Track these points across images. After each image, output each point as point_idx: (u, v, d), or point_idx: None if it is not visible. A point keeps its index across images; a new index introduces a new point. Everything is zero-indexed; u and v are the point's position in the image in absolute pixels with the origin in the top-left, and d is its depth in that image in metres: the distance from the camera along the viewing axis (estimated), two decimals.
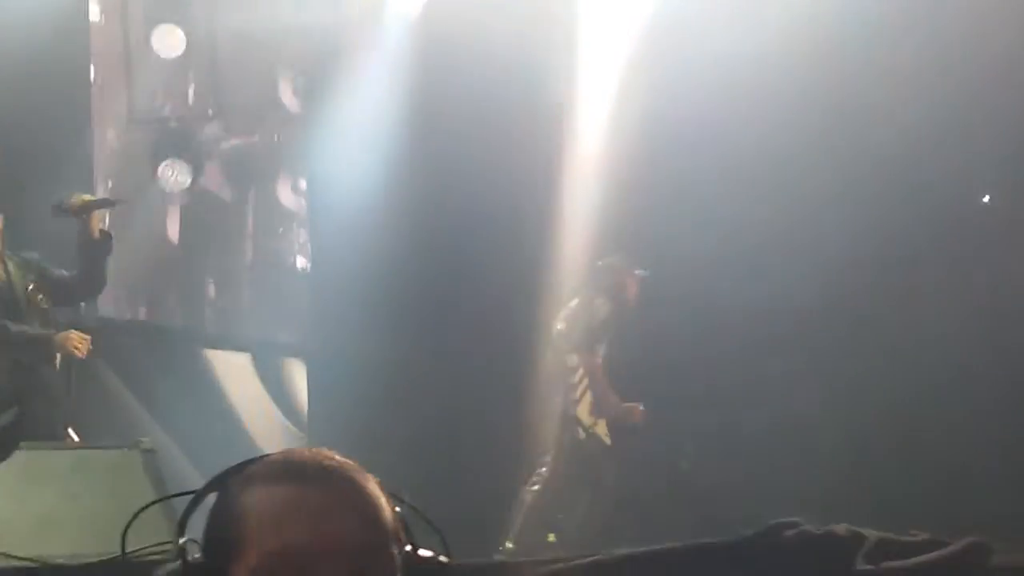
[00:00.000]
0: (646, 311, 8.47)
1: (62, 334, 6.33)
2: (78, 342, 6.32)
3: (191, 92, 8.88)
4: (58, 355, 6.32)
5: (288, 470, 1.57)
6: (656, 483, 8.61)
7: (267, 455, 1.62)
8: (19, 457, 5.30)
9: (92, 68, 8.43)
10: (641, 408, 8.34)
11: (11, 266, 6.40)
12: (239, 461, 1.64)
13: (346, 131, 8.96)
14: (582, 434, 8.29)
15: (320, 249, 9.05)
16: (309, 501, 1.54)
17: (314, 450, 1.62)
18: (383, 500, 1.60)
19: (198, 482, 1.68)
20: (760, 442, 8.58)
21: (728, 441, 8.66)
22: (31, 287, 6.40)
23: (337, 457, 1.61)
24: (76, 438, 6.29)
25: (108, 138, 8.54)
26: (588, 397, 8.36)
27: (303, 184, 9.61)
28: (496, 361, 9.06)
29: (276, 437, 9.15)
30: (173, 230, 8.91)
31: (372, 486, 1.60)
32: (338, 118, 8.94)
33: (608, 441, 8.35)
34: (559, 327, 8.59)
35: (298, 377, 9.33)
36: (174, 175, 8.48)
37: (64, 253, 6.58)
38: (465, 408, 8.96)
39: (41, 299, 6.41)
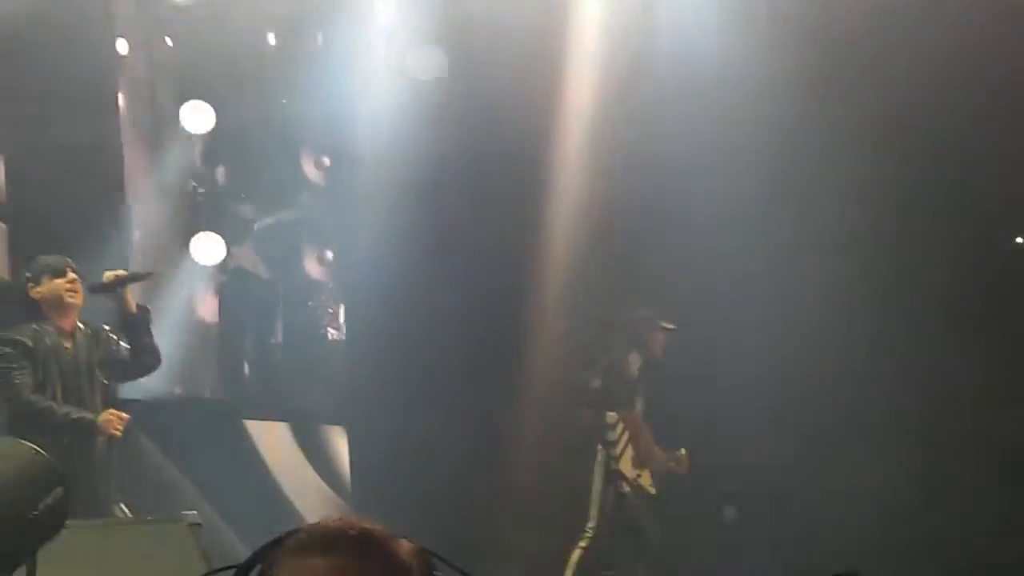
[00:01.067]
0: (677, 362, 8.56)
1: (102, 416, 6.35)
2: (117, 424, 6.33)
3: (221, 168, 9.01)
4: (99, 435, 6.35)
5: (318, 541, 1.61)
6: (702, 533, 8.61)
7: (301, 527, 1.66)
8: (66, 535, 5.33)
9: (123, 143, 8.58)
10: (684, 452, 8.44)
11: (81, 337, 6.45)
12: (281, 531, 1.67)
13: (371, 202, 9.09)
14: (626, 488, 8.36)
15: (354, 318, 9.13)
16: (337, 571, 1.58)
17: (344, 519, 1.65)
18: (414, 565, 1.62)
19: (243, 553, 1.71)
20: (806, 491, 8.57)
21: (774, 490, 8.65)
22: (95, 363, 6.44)
23: (367, 525, 1.64)
24: (126, 513, 6.32)
25: (141, 214, 8.66)
26: (629, 450, 8.42)
27: (329, 255, 9.76)
28: (529, 421, 9.14)
29: (319, 504, 9.17)
30: (208, 304, 8.99)
31: (403, 552, 1.62)
32: (362, 191, 9.08)
33: (652, 491, 8.44)
34: (594, 385, 8.66)
35: (338, 444, 9.37)
36: (207, 249, 8.57)
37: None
38: (503, 470, 9.03)
39: (103, 375, 6.45)
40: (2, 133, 8.17)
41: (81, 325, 6.50)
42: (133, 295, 6.57)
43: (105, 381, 6.50)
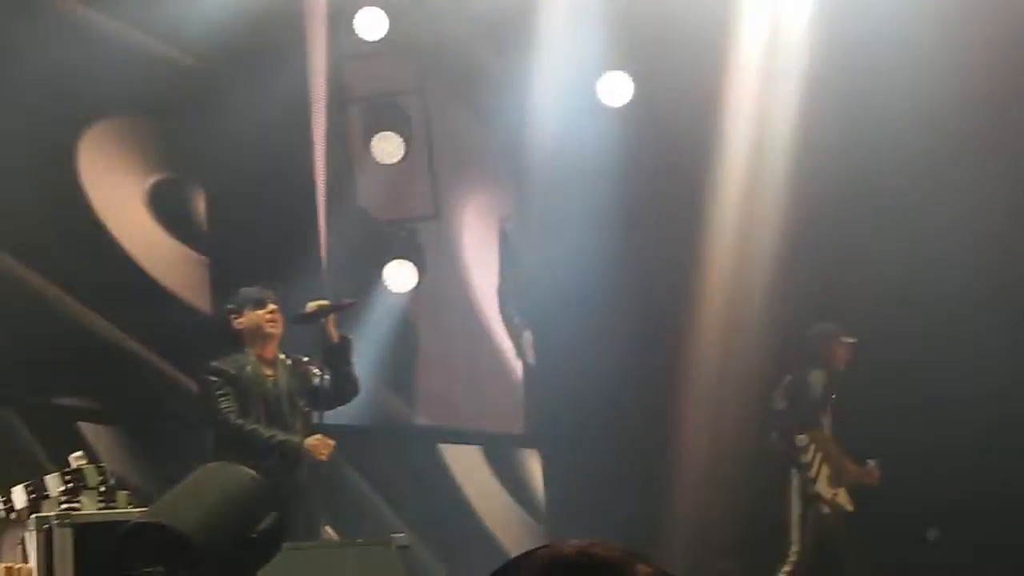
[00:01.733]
0: (861, 376, 8.47)
1: (309, 440, 6.49)
2: (323, 448, 6.47)
3: (411, 194, 9.17)
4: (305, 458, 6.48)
5: (552, 564, 1.59)
6: (904, 555, 8.47)
7: (538, 548, 1.64)
8: (282, 556, 5.47)
9: (316, 174, 8.80)
10: (873, 463, 8.34)
11: (281, 367, 6.63)
12: (476, 552, 1.66)
13: (558, 226, 9.17)
14: (825, 508, 8.28)
15: (544, 342, 9.21)
16: None
17: (582, 541, 1.62)
18: None
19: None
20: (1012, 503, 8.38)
21: (978, 504, 8.47)
22: (296, 392, 6.60)
23: (605, 545, 1.61)
24: (332, 535, 6.46)
25: (334, 243, 8.86)
26: (824, 470, 8.33)
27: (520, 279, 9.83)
28: (721, 444, 9.12)
29: (513, 527, 9.26)
30: (402, 331, 9.13)
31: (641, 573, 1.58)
32: (550, 216, 9.17)
33: (850, 508, 8.35)
34: (780, 406, 8.59)
35: (532, 467, 9.45)
36: (400, 277, 8.71)
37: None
38: (696, 493, 9.02)
39: (303, 404, 6.61)
40: (203, 169, 8.45)
41: (281, 355, 6.67)
42: (335, 324, 6.71)
43: (305, 409, 6.66)
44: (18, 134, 7.61)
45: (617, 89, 9.11)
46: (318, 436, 6.50)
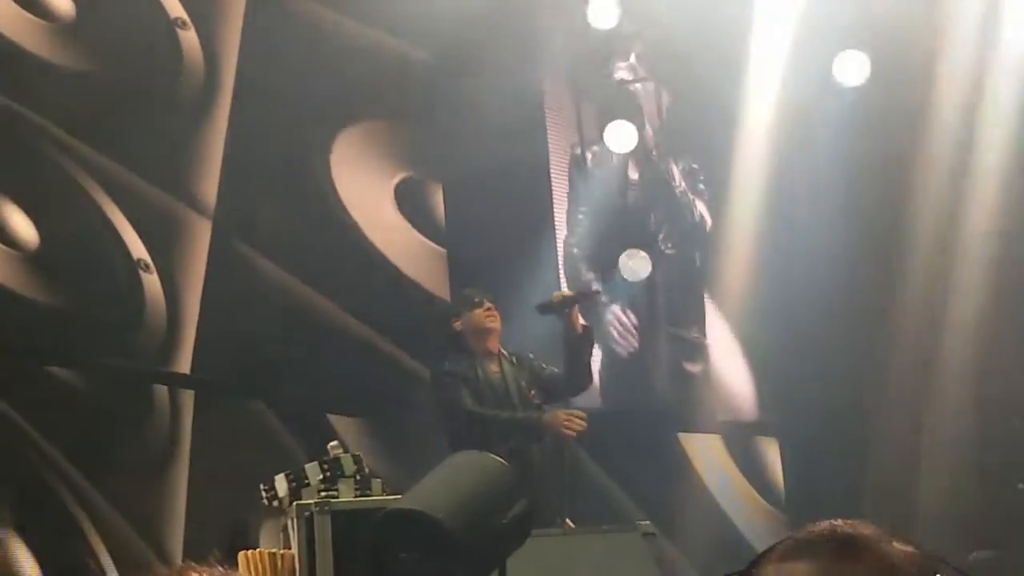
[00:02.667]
0: None
1: (549, 413, 6.55)
2: (565, 418, 6.50)
3: (645, 183, 9.20)
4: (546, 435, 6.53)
5: (804, 546, 1.57)
6: None
7: (802, 530, 1.63)
8: (530, 543, 5.54)
9: (550, 166, 8.92)
10: None
11: (506, 365, 6.75)
12: (717, 540, 1.65)
13: (787, 206, 9.06)
14: None
15: (780, 326, 9.11)
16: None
17: (837, 522, 1.60)
18: (910, 569, 1.56)
19: (681, 564, 1.71)
20: None
21: None
22: (524, 384, 6.71)
23: (857, 528, 1.59)
24: (570, 524, 6.51)
25: (570, 234, 8.95)
26: None
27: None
28: (956, 429, 8.92)
29: (753, 516, 9.20)
30: (630, 319, 9.17)
31: (897, 555, 1.56)
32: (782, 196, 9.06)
33: None
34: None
35: (771, 455, 9.37)
36: (635, 266, 8.75)
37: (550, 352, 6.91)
38: (934, 479, 8.83)
39: (533, 395, 6.70)
40: (440, 164, 8.64)
41: (503, 351, 6.80)
42: (578, 315, 6.79)
43: (536, 401, 6.75)
44: (274, 137, 7.91)
45: (854, 68, 8.95)
46: (562, 410, 6.54)
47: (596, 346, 7.04)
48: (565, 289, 6.87)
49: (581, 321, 6.82)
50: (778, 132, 9.06)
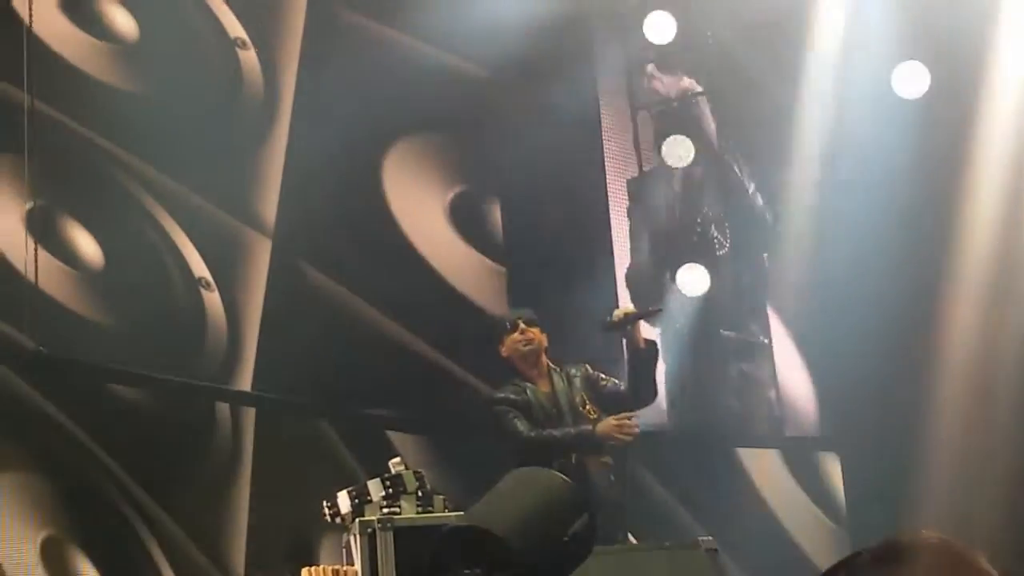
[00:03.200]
0: None
1: (602, 423, 6.49)
2: (616, 424, 6.45)
3: (703, 198, 9.18)
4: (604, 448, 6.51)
5: (889, 555, 1.58)
6: None
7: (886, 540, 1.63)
8: (591, 560, 5.53)
9: (607, 178, 8.93)
10: None
11: (557, 381, 6.73)
12: (777, 556, 1.64)
13: (847, 219, 9.02)
14: None
15: (836, 343, 9.05)
16: None
17: (921, 533, 1.61)
18: None
19: None
20: None
21: None
22: (578, 398, 6.68)
23: (941, 538, 1.59)
24: (631, 539, 6.49)
25: (627, 248, 8.95)
26: None
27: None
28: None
29: (813, 531, 9.14)
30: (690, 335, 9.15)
31: (983, 568, 1.58)
32: (844, 209, 9.02)
33: None
34: None
35: (831, 470, 9.31)
36: (692, 280, 8.74)
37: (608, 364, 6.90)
38: (1003, 490, 8.74)
39: (589, 410, 6.67)
40: (497, 180, 8.66)
41: (552, 366, 6.77)
42: (640, 331, 6.76)
43: (592, 416, 6.71)
44: (332, 155, 7.96)
45: (913, 80, 8.88)
46: (612, 417, 6.51)
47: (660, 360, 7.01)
48: (627, 306, 6.83)
49: (643, 337, 6.79)
50: (835, 143, 9.02)
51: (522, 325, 6.69)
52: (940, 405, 9.01)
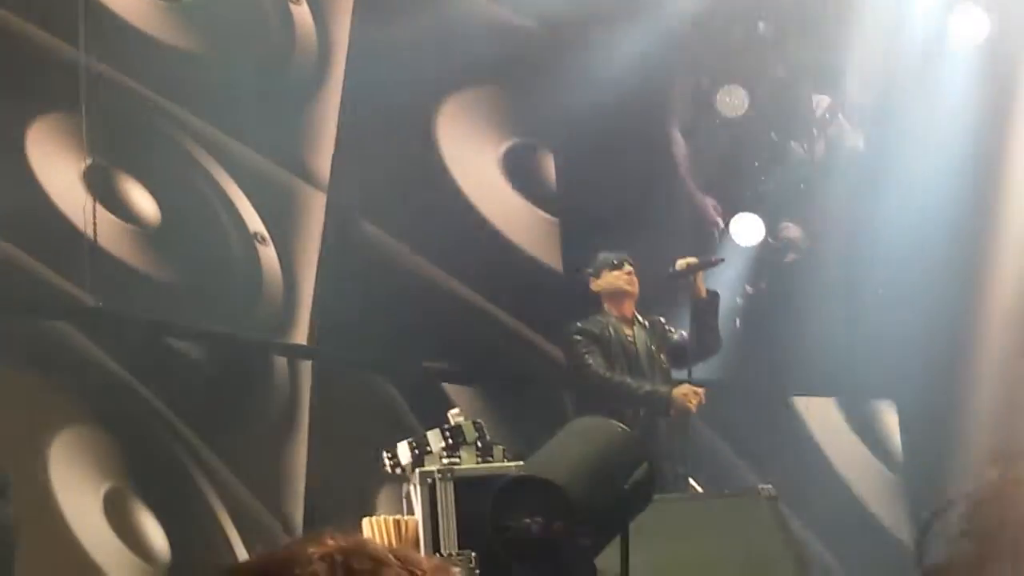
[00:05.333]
0: None
1: (678, 388, 6.60)
2: (692, 396, 6.56)
3: (756, 147, 9.12)
4: (672, 409, 6.57)
5: (1002, 488, 1.58)
6: None
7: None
8: (653, 508, 5.57)
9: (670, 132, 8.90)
10: None
11: (639, 329, 6.79)
12: (834, 503, 1.61)
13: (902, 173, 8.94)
14: None
15: (895, 293, 9.00)
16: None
17: None
18: None
19: (802, 529, 1.69)
20: None
21: None
22: (655, 348, 6.74)
23: None
24: (697, 487, 6.53)
25: (686, 200, 8.94)
26: None
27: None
28: None
29: (871, 479, 9.13)
30: (748, 287, 9.13)
31: None
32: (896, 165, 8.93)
33: None
34: None
35: (888, 418, 9.29)
36: (747, 230, 8.72)
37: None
38: None
39: (663, 360, 6.74)
40: (552, 131, 8.65)
41: (638, 315, 6.83)
42: (702, 281, 6.80)
43: (665, 366, 6.79)
44: (385, 109, 7.97)
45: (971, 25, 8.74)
46: (687, 385, 6.58)
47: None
48: (690, 258, 6.87)
49: (705, 287, 6.83)
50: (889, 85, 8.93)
51: (628, 266, 6.75)
52: (989, 352, 8.95)
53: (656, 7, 8.50)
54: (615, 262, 6.82)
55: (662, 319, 6.94)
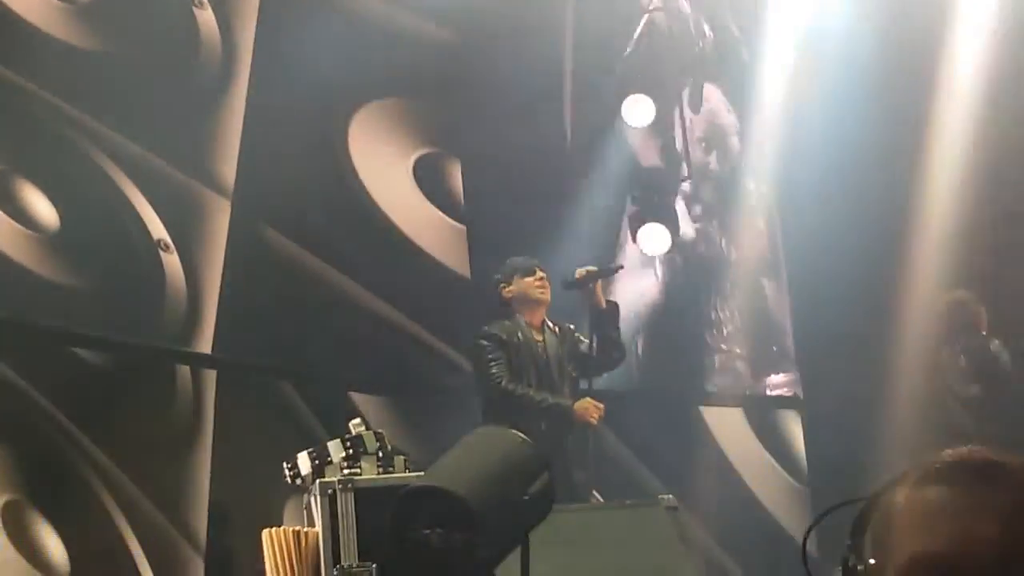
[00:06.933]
0: None
1: (579, 402, 6.57)
2: (593, 411, 6.54)
3: (659, 159, 9.15)
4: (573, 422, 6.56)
5: (937, 472, 1.48)
6: None
7: (937, 456, 1.52)
8: (552, 518, 5.54)
9: (568, 139, 8.88)
10: None
11: (549, 336, 6.74)
12: (740, 514, 1.61)
13: (822, 171, 8.93)
14: None
15: (801, 299, 9.05)
16: (957, 503, 1.44)
17: (979, 450, 1.50)
18: None
19: (704, 538, 1.69)
20: None
21: None
22: (564, 356, 6.71)
23: (993, 454, 1.49)
24: (599, 498, 6.52)
25: (588, 208, 8.92)
26: None
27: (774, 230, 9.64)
28: None
29: (775, 489, 9.17)
30: (655, 294, 9.15)
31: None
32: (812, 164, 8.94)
33: None
34: None
35: (792, 428, 9.35)
36: (653, 239, 8.72)
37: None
38: None
39: (571, 369, 6.71)
40: (459, 138, 8.62)
41: (549, 322, 6.79)
42: (601, 290, 6.77)
43: (573, 375, 6.76)
44: (292, 115, 7.89)
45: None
46: (588, 399, 6.57)
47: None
48: (589, 266, 6.84)
49: (604, 297, 6.81)
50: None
51: (540, 272, 6.69)
52: (902, 363, 9.01)
53: (563, 16, 8.50)
54: (527, 267, 6.77)
55: (572, 327, 6.89)
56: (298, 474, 5.93)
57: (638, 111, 8.74)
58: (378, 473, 5.86)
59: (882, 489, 1.54)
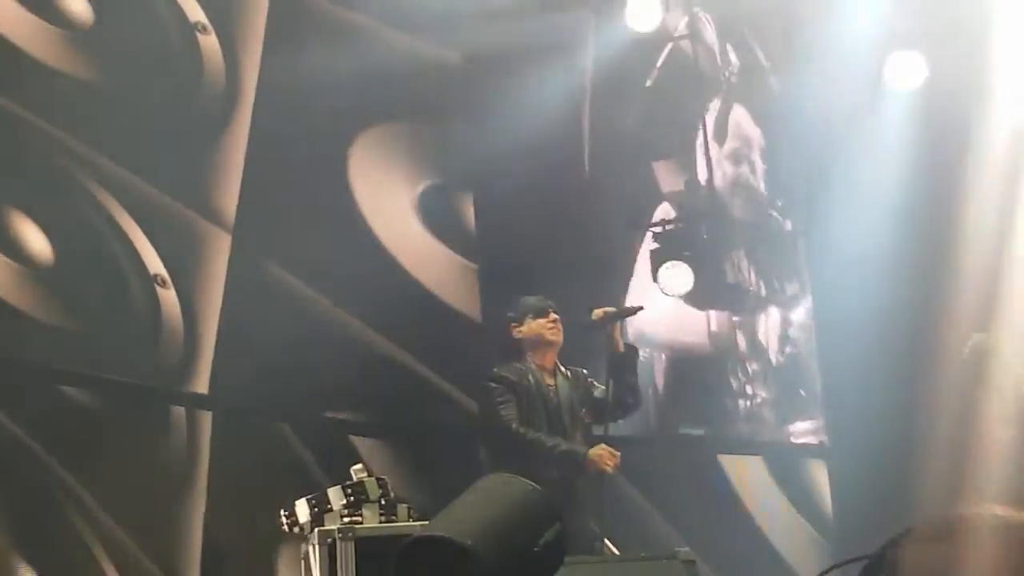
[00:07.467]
0: None
1: (594, 449, 6.29)
2: (608, 458, 6.25)
3: (683, 192, 8.95)
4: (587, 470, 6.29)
5: (948, 528, 1.64)
6: None
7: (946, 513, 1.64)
8: (565, 571, 5.25)
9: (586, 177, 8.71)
10: None
11: (561, 380, 6.48)
12: (760, 567, 1.55)
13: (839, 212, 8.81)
14: None
15: (829, 350, 8.84)
16: (963, 562, 1.55)
17: (990, 507, 1.65)
18: None
19: None
20: None
21: None
22: (577, 401, 6.46)
23: (988, 511, 1.62)
24: (612, 549, 6.24)
25: (606, 247, 8.72)
26: None
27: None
28: None
29: (798, 542, 8.94)
30: (678, 337, 8.94)
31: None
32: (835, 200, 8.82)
33: None
34: None
35: (817, 479, 9.12)
36: (675, 279, 8.48)
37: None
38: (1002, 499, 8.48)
39: (584, 414, 6.46)
40: (470, 172, 8.42)
41: (560, 366, 6.53)
42: (620, 333, 6.52)
43: (586, 420, 6.50)
44: (295, 147, 7.72)
45: (907, 71, 8.65)
46: (603, 446, 6.29)
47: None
48: (608, 307, 6.59)
49: (622, 340, 6.55)
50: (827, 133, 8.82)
51: (552, 314, 6.43)
52: (931, 415, 8.79)
53: (579, 45, 8.34)
54: (539, 308, 6.52)
55: (585, 371, 6.63)
56: (296, 522, 5.74)
57: (660, 140, 8.57)
58: (380, 522, 5.69)
59: (888, 544, 1.73)
